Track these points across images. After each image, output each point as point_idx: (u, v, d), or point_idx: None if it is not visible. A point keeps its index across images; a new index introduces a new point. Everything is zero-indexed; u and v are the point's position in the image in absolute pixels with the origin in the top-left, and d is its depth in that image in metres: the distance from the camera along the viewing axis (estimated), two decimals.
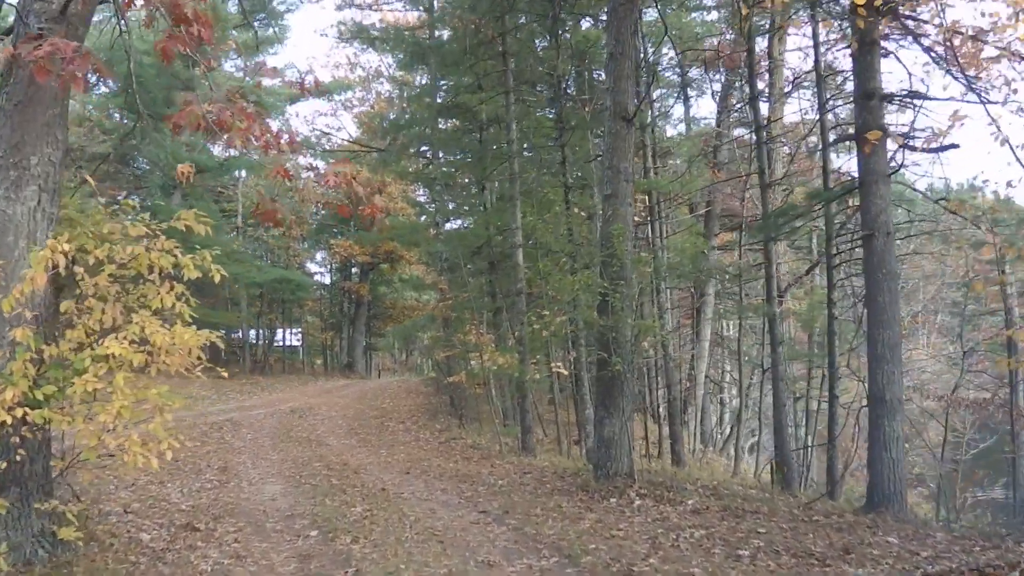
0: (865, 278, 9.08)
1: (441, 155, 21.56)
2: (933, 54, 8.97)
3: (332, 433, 17.58)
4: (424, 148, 21.43)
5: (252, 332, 37.53)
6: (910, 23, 9.15)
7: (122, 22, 6.56)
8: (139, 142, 32.33)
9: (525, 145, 16.42)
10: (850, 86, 11.17)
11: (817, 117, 18.03)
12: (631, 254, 10.58)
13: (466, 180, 20.56)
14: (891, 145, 9.24)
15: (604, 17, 14.55)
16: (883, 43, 9.25)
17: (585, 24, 17.37)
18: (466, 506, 9.50)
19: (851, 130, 13.17)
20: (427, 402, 23.43)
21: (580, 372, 14.70)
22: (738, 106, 23.42)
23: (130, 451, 5.43)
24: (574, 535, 7.74)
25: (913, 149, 9.05)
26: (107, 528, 7.89)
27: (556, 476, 11.68)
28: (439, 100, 18.56)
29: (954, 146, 9.11)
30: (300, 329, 41.68)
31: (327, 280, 44.41)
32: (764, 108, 19.28)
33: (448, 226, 23.78)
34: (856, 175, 9.87)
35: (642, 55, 13.70)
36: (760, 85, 21.09)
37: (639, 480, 10.28)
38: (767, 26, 15.07)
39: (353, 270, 41.92)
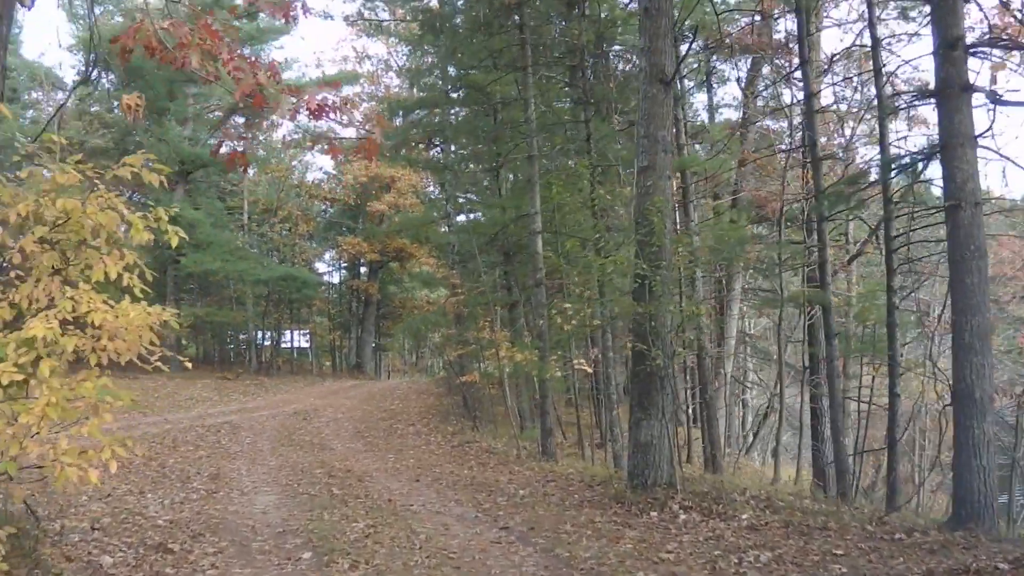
0: (949, 257, 7.80)
1: (453, 146, 20.38)
2: None
3: (337, 436, 16.37)
4: (434, 135, 20.16)
5: (258, 333, 36.41)
6: None
7: None
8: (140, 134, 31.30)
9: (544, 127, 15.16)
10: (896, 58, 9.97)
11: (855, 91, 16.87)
12: (671, 233, 9.32)
13: (479, 168, 19.29)
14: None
15: None
16: None
17: None
18: (484, 521, 8.25)
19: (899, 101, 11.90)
20: (438, 403, 22.20)
21: (608, 369, 13.43)
22: (764, 91, 22.19)
23: (59, 462, 4.18)
24: (615, 559, 6.49)
25: (1005, 103, 7.76)
26: (64, 550, 6.68)
27: (583, 485, 10.42)
28: (451, 77, 17.37)
29: None
30: (308, 330, 40.52)
31: (336, 279, 43.38)
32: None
33: (460, 219, 22.60)
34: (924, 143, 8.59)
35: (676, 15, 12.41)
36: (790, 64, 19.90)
37: (681, 490, 9.00)
38: None
39: (362, 269, 40.80)
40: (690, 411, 16.50)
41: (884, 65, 11.48)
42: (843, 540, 7.12)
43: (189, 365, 5.45)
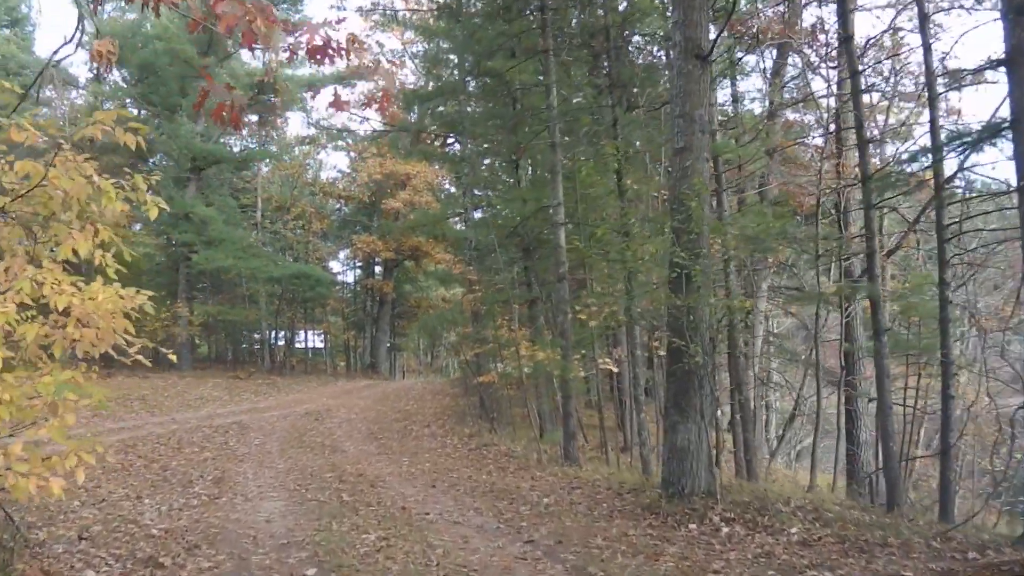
0: None
1: (470, 141, 19.67)
2: None
3: (349, 438, 15.72)
4: (451, 126, 19.44)
5: (271, 332, 35.88)
6: None
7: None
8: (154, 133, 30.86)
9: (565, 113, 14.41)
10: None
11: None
12: (709, 219, 8.59)
13: (498, 160, 18.57)
14: None
15: None
16: None
17: None
18: (507, 532, 7.55)
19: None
20: (454, 404, 21.52)
21: (635, 368, 12.68)
22: (791, 81, 21.39)
23: (13, 471, 3.52)
24: None
25: None
26: (44, 564, 6.04)
27: (612, 492, 9.68)
28: (467, 69, 16.69)
29: None
30: (323, 330, 39.96)
31: (350, 279, 42.83)
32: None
33: (476, 215, 21.89)
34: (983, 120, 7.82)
35: None
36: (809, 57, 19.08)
37: (721, 500, 8.26)
38: None
39: (376, 268, 40.23)
40: (719, 413, 15.68)
41: (932, 40, 10.69)
42: (909, 559, 6.37)
43: (174, 358, 4.77)
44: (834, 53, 17.48)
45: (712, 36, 9.69)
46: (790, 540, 7.04)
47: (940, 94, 10.84)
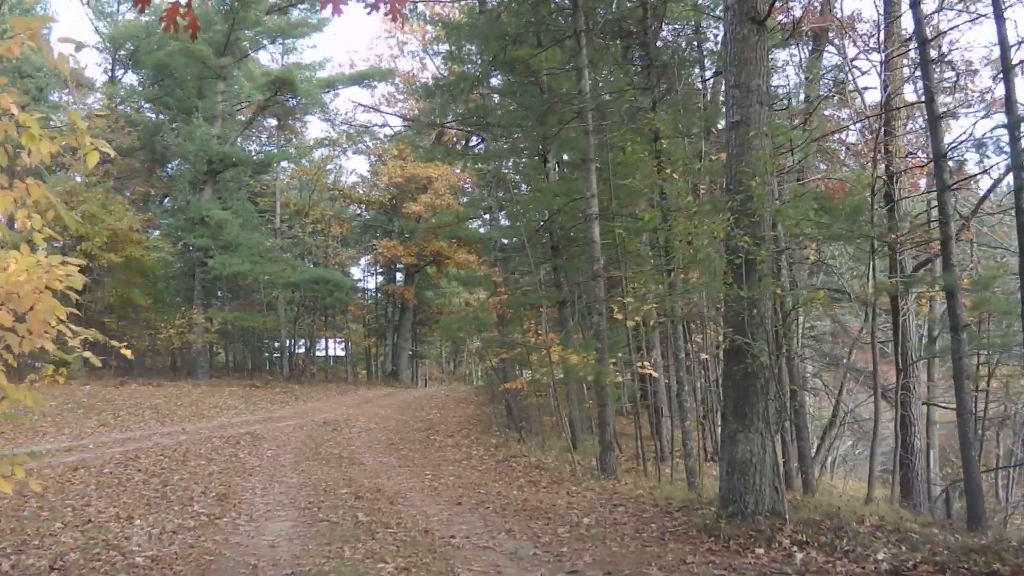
0: None
1: (494, 134, 18.70)
2: None
3: (368, 449, 14.76)
4: (474, 118, 18.44)
5: (290, 340, 35.10)
6: None
7: None
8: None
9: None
10: None
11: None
12: (772, 201, 7.55)
13: (523, 157, 17.54)
14: None
15: None
16: None
17: None
18: (545, 560, 6.52)
19: None
20: (479, 413, 20.52)
21: (679, 372, 11.61)
22: (827, 74, 20.30)
23: None
24: None
25: None
26: None
27: (659, 511, 8.62)
28: (491, 56, 15.72)
29: None
30: (343, 338, 39.12)
31: (371, 285, 42.02)
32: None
33: (501, 215, 20.92)
34: None
35: None
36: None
37: (790, 520, 7.18)
38: None
39: (398, 274, 39.40)
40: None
41: (1005, 7, 9.59)
42: None
43: (129, 354, 3.79)
44: (872, 43, 16.47)
45: None
46: (879, 568, 5.97)
47: (1015, 65, 9.71)
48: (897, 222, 12.80)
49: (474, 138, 25.11)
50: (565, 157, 16.61)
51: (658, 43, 12.79)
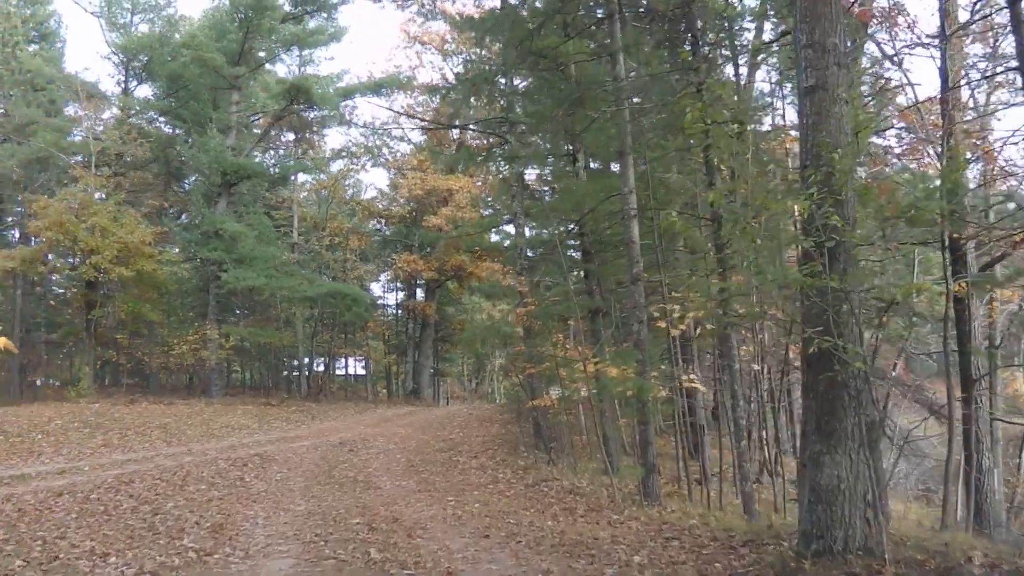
0: None
1: (513, 136, 17.66)
2: None
3: (386, 471, 13.60)
4: (498, 115, 17.38)
5: (308, 358, 34.14)
6: None
7: None
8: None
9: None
10: None
11: None
12: (854, 178, 6.36)
13: (548, 154, 16.42)
14: None
15: None
16: None
17: None
18: None
19: None
20: (505, 432, 19.31)
21: (733, 385, 10.36)
22: (870, 68, 19.15)
23: None
24: None
25: None
26: None
27: (720, 546, 7.38)
28: (515, 49, 14.70)
29: None
30: (363, 356, 38.08)
31: (391, 301, 41.05)
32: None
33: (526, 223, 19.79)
34: None
35: None
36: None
37: (890, 559, 5.93)
38: None
39: (418, 289, 38.39)
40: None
41: None
42: None
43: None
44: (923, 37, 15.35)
45: None
46: None
47: None
48: (961, 216, 11.53)
49: (499, 136, 24.15)
50: (595, 158, 15.49)
51: (700, 22, 11.61)
